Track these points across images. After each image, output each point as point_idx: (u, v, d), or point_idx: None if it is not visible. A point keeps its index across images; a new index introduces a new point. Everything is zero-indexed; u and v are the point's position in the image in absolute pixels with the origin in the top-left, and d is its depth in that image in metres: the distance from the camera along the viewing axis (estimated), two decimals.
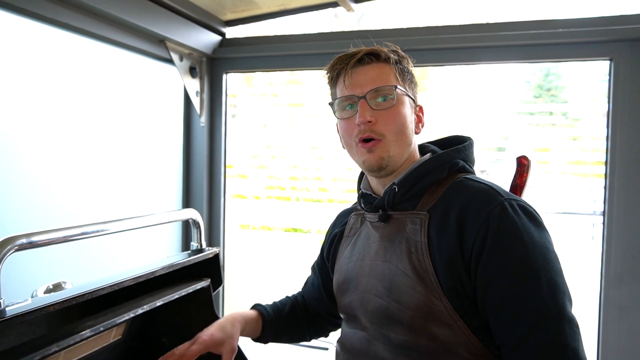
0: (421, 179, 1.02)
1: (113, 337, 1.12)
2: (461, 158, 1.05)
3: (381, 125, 1.00)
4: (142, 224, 1.08)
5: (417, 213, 0.99)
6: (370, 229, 1.09)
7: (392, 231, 1.02)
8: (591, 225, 2.26)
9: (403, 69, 1.05)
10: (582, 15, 1.70)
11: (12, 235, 0.78)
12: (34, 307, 0.77)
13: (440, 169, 1.02)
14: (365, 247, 1.08)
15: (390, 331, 0.96)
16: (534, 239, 0.89)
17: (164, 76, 2.03)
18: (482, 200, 0.93)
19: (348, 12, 2.00)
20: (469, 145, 1.08)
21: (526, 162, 1.10)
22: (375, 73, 1.01)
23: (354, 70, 1.02)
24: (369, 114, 0.99)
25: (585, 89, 1.96)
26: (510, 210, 0.90)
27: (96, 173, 1.68)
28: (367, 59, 1.02)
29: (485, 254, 0.89)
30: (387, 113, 1.00)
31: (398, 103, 1.01)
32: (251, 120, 2.39)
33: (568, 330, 0.84)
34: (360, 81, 1.01)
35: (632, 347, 1.66)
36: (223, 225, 2.20)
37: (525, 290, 0.86)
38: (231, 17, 2.11)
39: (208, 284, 1.21)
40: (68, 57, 1.57)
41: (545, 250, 0.88)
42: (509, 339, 0.87)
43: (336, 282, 1.14)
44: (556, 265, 0.89)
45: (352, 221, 1.18)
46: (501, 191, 0.95)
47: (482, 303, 0.90)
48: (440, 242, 0.93)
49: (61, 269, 1.52)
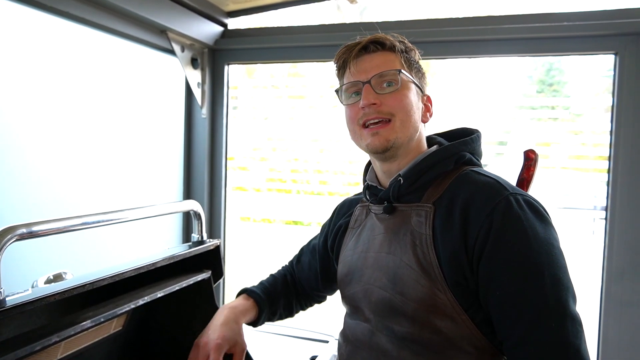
0: (427, 171, 1.01)
1: (114, 328, 1.11)
2: (468, 151, 1.04)
3: (387, 107, 0.99)
4: (143, 215, 1.07)
5: (423, 205, 0.99)
6: (375, 221, 1.08)
7: (397, 223, 1.01)
8: (592, 220, 2.25)
9: (409, 57, 1.04)
10: (587, 8, 1.69)
11: (12, 225, 0.77)
12: (35, 297, 0.76)
13: (447, 161, 1.01)
14: (369, 239, 1.07)
15: (394, 323, 0.96)
16: (539, 234, 0.87)
17: (166, 67, 2.01)
18: (487, 194, 0.92)
19: (351, 5, 1.98)
20: (477, 138, 1.07)
21: (534, 155, 1.09)
22: (380, 60, 1.01)
23: (359, 58, 1.02)
24: (373, 96, 0.99)
25: (588, 84, 1.94)
26: (515, 205, 0.89)
27: (97, 164, 1.67)
28: (372, 47, 1.02)
29: (488, 248, 0.88)
30: (391, 96, 1.00)
31: (403, 87, 1.01)
32: (252, 112, 2.38)
33: (570, 327, 0.83)
34: (365, 68, 1.01)
35: (633, 343, 1.66)
36: (224, 217, 2.19)
37: (528, 286, 0.85)
38: (233, 8, 2.10)
39: (209, 275, 1.21)
40: (68, 47, 1.56)
41: (549, 247, 0.87)
42: (511, 335, 0.86)
43: (340, 273, 1.13)
44: (560, 262, 0.87)
45: (357, 213, 1.17)
46: (507, 185, 0.94)
47: (485, 298, 0.90)
48: (445, 235, 0.93)
49: (62, 260, 1.52)
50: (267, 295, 1.27)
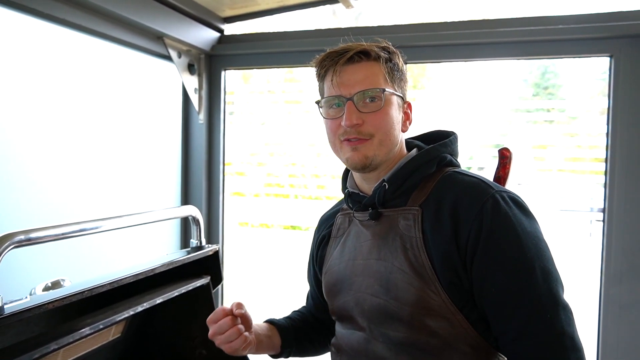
0: (411, 174, 1.02)
1: (112, 335, 1.11)
2: (448, 152, 1.06)
3: (368, 127, 0.99)
4: (141, 221, 1.07)
5: (409, 209, 0.99)
6: (360, 228, 1.07)
7: (384, 229, 1.01)
8: (589, 222, 2.26)
9: (393, 66, 1.03)
10: (582, 11, 1.70)
11: (10, 232, 0.77)
12: (33, 305, 0.76)
13: (430, 163, 1.02)
14: (356, 247, 1.06)
15: (390, 329, 0.96)
16: (526, 229, 0.90)
17: (162, 73, 2.01)
18: (473, 193, 0.94)
19: (347, 10, 1.99)
20: (454, 140, 1.09)
21: (508, 154, 1.13)
22: (364, 74, 0.99)
23: (343, 69, 1.00)
24: (356, 116, 0.98)
25: (583, 87, 1.96)
26: (502, 203, 0.92)
27: (95, 170, 1.67)
28: (356, 58, 1.00)
29: (480, 247, 0.90)
30: (374, 115, 0.99)
31: (386, 105, 1.00)
32: (249, 117, 2.39)
33: (563, 317, 0.86)
34: (349, 81, 0.99)
35: (633, 345, 1.66)
36: (222, 222, 2.19)
37: (522, 281, 0.88)
38: (230, 13, 2.10)
39: (208, 281, 1.20)
40: (65, 54, 1.55)
41: (537, 240, 0.91)
42: (507, 330, 0.89)
43: (327, 284, 1.11)
44: (547, 254, 0.91)
45: (339, 221, 1.15)
46: (491, 184, 0.97)
47: (479, 295, 0.91)
48: (435, 237, 0.94)
49: (60, 267, 1.51)
50: (285, 320, 1.23)
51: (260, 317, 1.22)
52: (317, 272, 1.21)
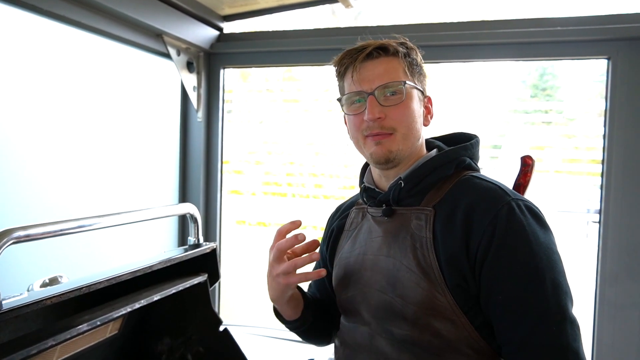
0: (428, 175, 1.01)
1: (109, 332, 1.11)
2: (468, 156, 1.04)
3: (390, 121, 0.99)
4: (139, 218, 1.07)
5: (423, 209, 0.99)
6: (372, 224, 1.08)
7: (396, 226, 1.01)
8: (585, 223, 2.27)
9: (412, 61, 1.03)
10: (580, 13, 1.71)
11: (9, 228, 0.77)
12: (30, 301, 0.76)
13: (448, 165, 1.02)
14: (367, 242, 1.07)
15: (394, 326, 0.96)
16: (540, 239, 0.89)
17: (161, 71, 2.01)
18: (489, 199, 0.93)
19: (346, 9, 1.99)
20: (476, 143, 1.08)
21: (531, 161, 1.10)
22: (384, 68, 1.00)
23: (363, 65, 1.01)
24: (378, 110, 0.98)
25: (581, 89, 1.96)
26: (517, 211, 0.90)
27: (93, 167, 1.67)
28: (375, 54, 1.00)
29: (491, 253, 0.89)
30: (396, 108, 0.99)
31: (407, 98, 1.00)
32: (247, 116, 2.39)
33: (570, 331, 0.84)
34: (369, 76, 1.00)
35: (627, 346, 1.67)
36: (220, 220, 2.19)
37: (530, 291, 0.86)
38: (229, 12, 2.10)
39: (205, 279, 1.21)
40: (64, 51, 1.55)
41: (550, 252, 0.89)
42: (512, 339, 0.88)
43: (336, 276, 1.12)
44: (559, 266, 0.89)
45: (353, 215, 1.16)
46: (508, 191, 0.95)
47: (486, 302, 0.91)
48: (446, 239, 0.93)
49: (57, 263, 1.51)
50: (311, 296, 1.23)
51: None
52: (327, 261, 1.21)
